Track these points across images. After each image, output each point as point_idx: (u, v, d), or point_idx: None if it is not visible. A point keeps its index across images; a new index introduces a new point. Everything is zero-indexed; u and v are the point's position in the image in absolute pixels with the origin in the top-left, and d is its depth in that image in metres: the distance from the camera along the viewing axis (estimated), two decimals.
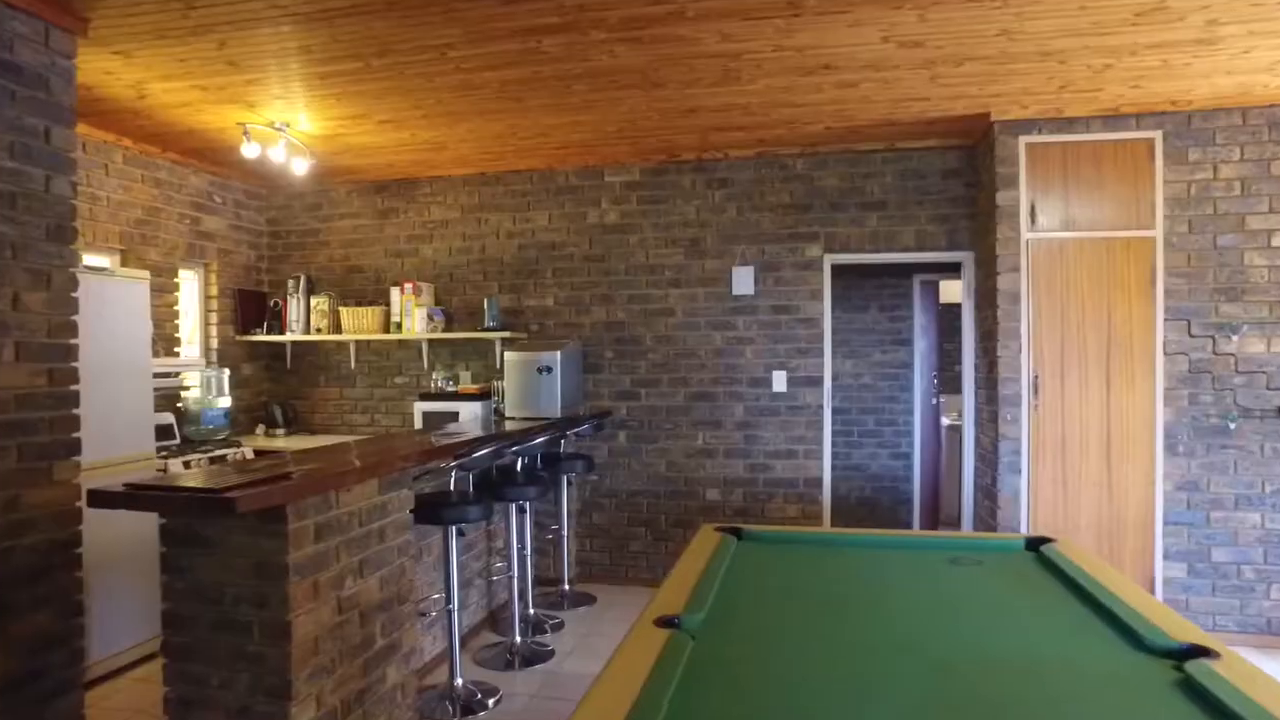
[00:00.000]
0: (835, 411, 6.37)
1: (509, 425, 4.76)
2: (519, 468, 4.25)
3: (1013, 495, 4.39)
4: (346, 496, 2.65)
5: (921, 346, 6.45)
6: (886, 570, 2.54)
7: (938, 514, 6.62)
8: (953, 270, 6.21)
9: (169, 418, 4.72)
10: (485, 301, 5.33)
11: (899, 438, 6.46)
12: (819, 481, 5.10)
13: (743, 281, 5.16)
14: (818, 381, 5.08)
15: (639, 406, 5.30)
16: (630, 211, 5.32)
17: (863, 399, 6.47)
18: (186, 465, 4.41)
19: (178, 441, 4.74)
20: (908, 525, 6.47)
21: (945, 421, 7.09)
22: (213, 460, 4.62)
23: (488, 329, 5.31)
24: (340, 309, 5.54)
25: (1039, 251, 4.37)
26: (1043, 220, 4.38)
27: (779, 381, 5.11)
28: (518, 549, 4.31)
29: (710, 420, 5.20)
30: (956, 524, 6.90)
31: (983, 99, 4.13)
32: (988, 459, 4.63)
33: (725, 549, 2.75)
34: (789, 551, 2.81)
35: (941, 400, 6.61)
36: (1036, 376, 4.36)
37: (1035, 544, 2.77)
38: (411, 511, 3.09)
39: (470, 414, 5.18)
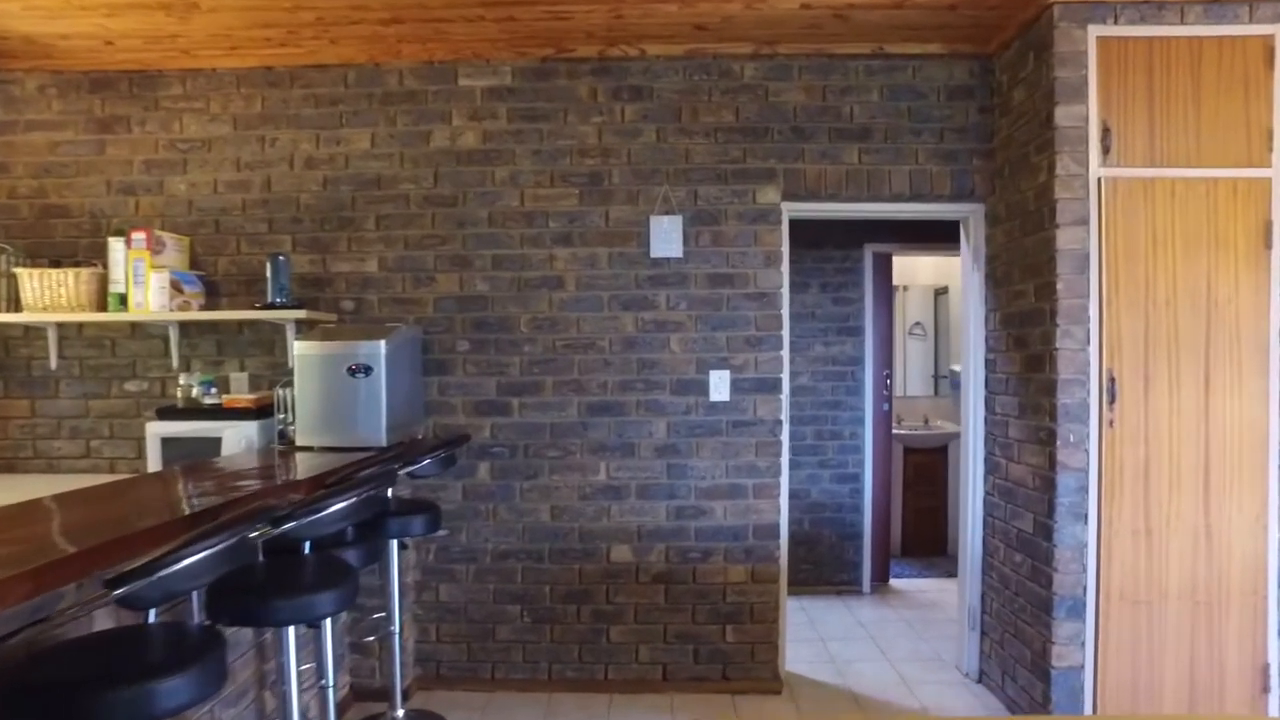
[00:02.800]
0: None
1: (300, 461, 2.89)
2: (325, 536, 2.40)
3: (1075, 550, 2.98)
4: None
5: (873, 337, 5.03)
6: None
7: (888, 548, 5.23)
8: (929, 237, 4.82)
9: None
10: (270, 264, 3.40)
11: (845, 455, 5.02)
12: (774, 530, 3.53)
13: (666, 239, 3.50)
14: (773, 386, 3.51)
15: (510, 425, 3.54)
16: (498, 132, 3.55)
17: (799, 405, 4.98)
18: None
19: None
20: (855, 566, 5.04)
21: (908, 430, 5.73)
22: None
23: (274, 306, 3.38)
24: (22, 272, 3.43)
25: (1114, 197, 2.97)
26: (1120, 151, 2.98)
27: (719, 387, 3.50)
28: (303, 683, 2.46)
29: (618, 444, 3.52)
30: (919, 562, 5.73)
31: None
32: (1026, 498, 3.21)
33: None
34: None
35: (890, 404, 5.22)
36: (1112, 379, 2.96)
37: None
38: None
39: (239, 440, 3.25)
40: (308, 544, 2.30)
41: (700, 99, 3.52)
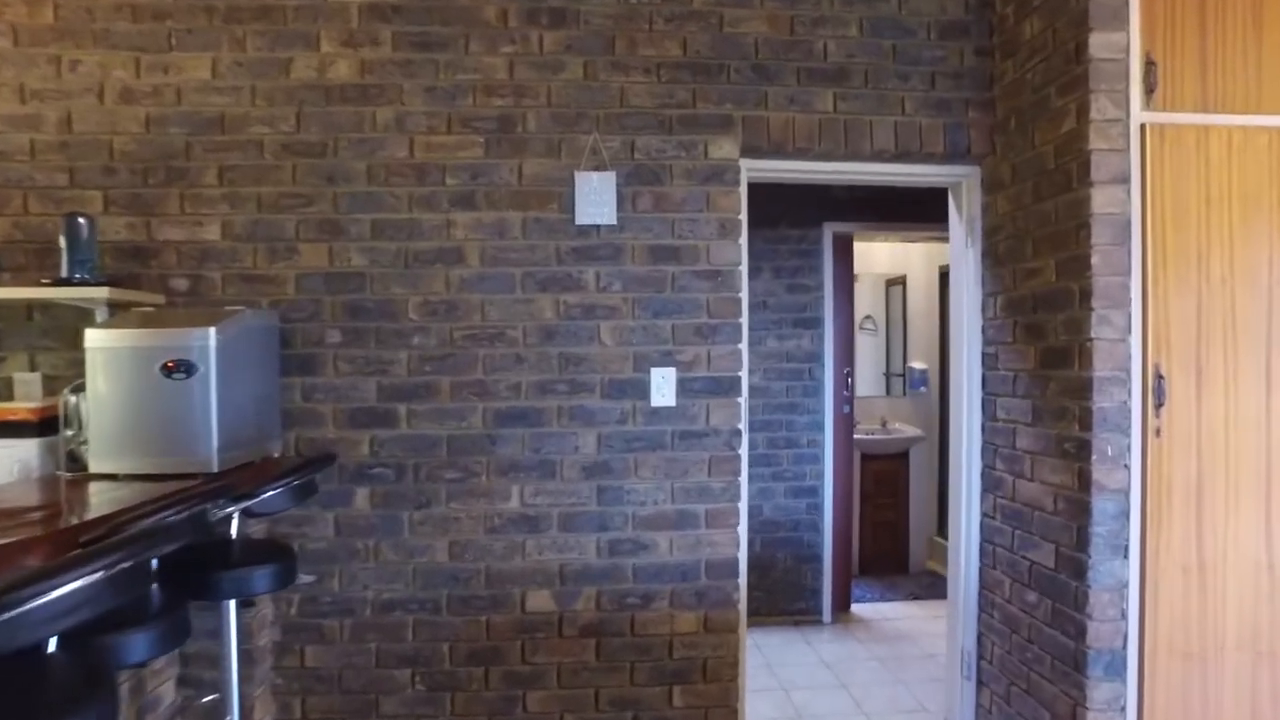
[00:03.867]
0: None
1: (90, 496, 2.07)
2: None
3: (1114, 592, 2.36)
4: None
5: (834, 331, 4.39)
6: None
7: (850, 571, 4.60)
8: (897, 215, 4.21)
9: None
10: (66, 228, 2.53)
11: (802, 465, 4.37)
12: (731, 567, 2.83)
13: (595, 201, 2.77)
14: (730, 388, 2.81)
15: (396, 439, 2.75)
16: (380, 63, 2.76)
17: (750, 409, 4.31)
18: None
19: None
20: (815, 593, 4.39)
21: (865, 435, 5.11)
22: None
23: (71, 283, 2.52)
24: None
25: (1161, 148, 2.36)
26: (1166, 92, 2.38)
27: (663, 388, 2.79)
28: None
29: (535, 462, 2.77)
30: (879, 582, 4.88)
31: None
32: (1044, 524, 2.59)
33: None
34: None
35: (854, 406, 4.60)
36: (1160, 376, 2.35)
37: None
38: None
39: (10, 466, 2.38)
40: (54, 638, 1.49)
41: (639, 27, 2.80)
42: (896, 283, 5.88)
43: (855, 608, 4.58)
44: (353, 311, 2.74)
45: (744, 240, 2.85)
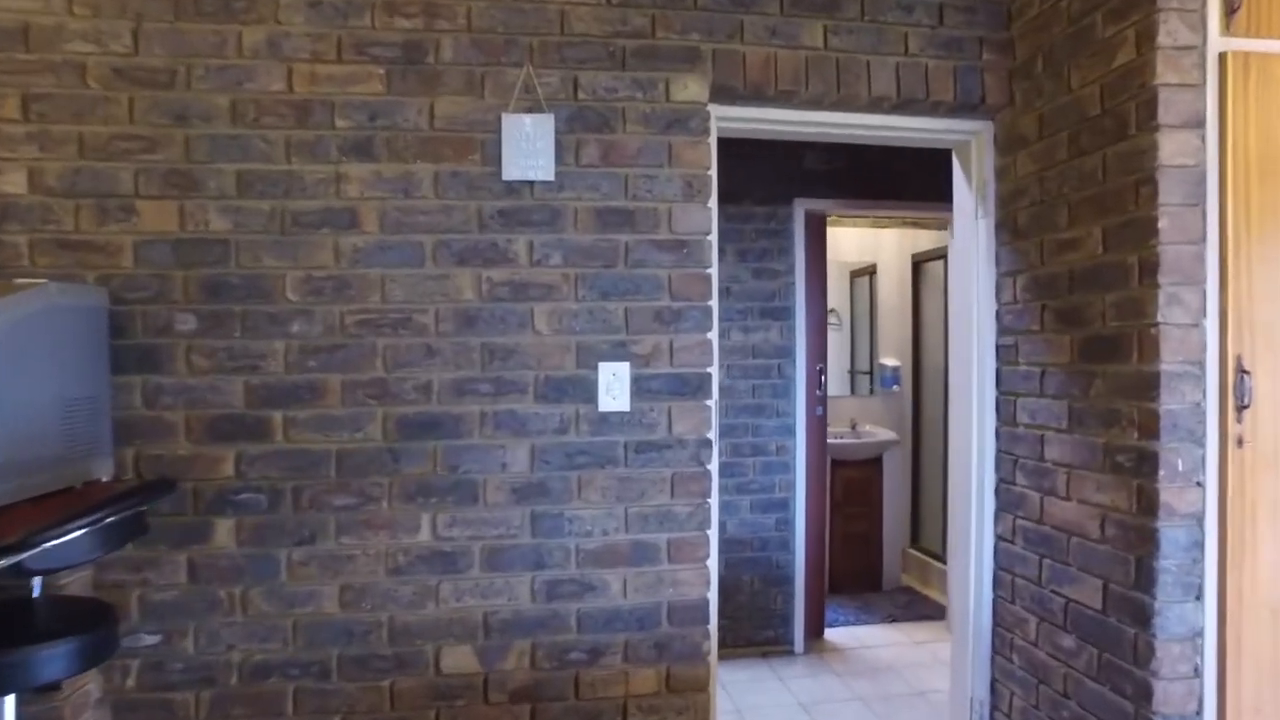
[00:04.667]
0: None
1: None
2: None
3: (1185, 643, 1.87)
4: None
5: (807, 322, 3.87)
6: None
7: (823, 593, 4.09)
8: (876, 191, 3.72)
9: None
10: None
11: (770, 475, 3.84)
12: (700, 611, 2.27)
13: (528, 151, 2.18)
14: (698, 387, 2.25)
15: (270, 456, 2.12)
16: None
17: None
18: None
19: None
20: (785, 619, 3.87)
21: (834, 439, 4.61)
22: None
23: None
24: None
25: (1244, 82, 1.88)
26: (1254, 13, 1.90)
27: (614, 388, 2.21)
28: None
29: (450, 484, 2.17)
30: (853, 601, 4.00)
31: None
32: (1087, 555, 2.09)
33: None
34: None
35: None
36: (1243, 371, 1.87)
37: None
38: None
39: None
40: None
41: None
42: (863, 273, 5.41)
43: (829, 633, 4.07)
44: (211, 290, 2.10)
45: (714, 204, 2.29)
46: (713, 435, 2.26)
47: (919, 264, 5.24)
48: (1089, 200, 2.09)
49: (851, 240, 5.25)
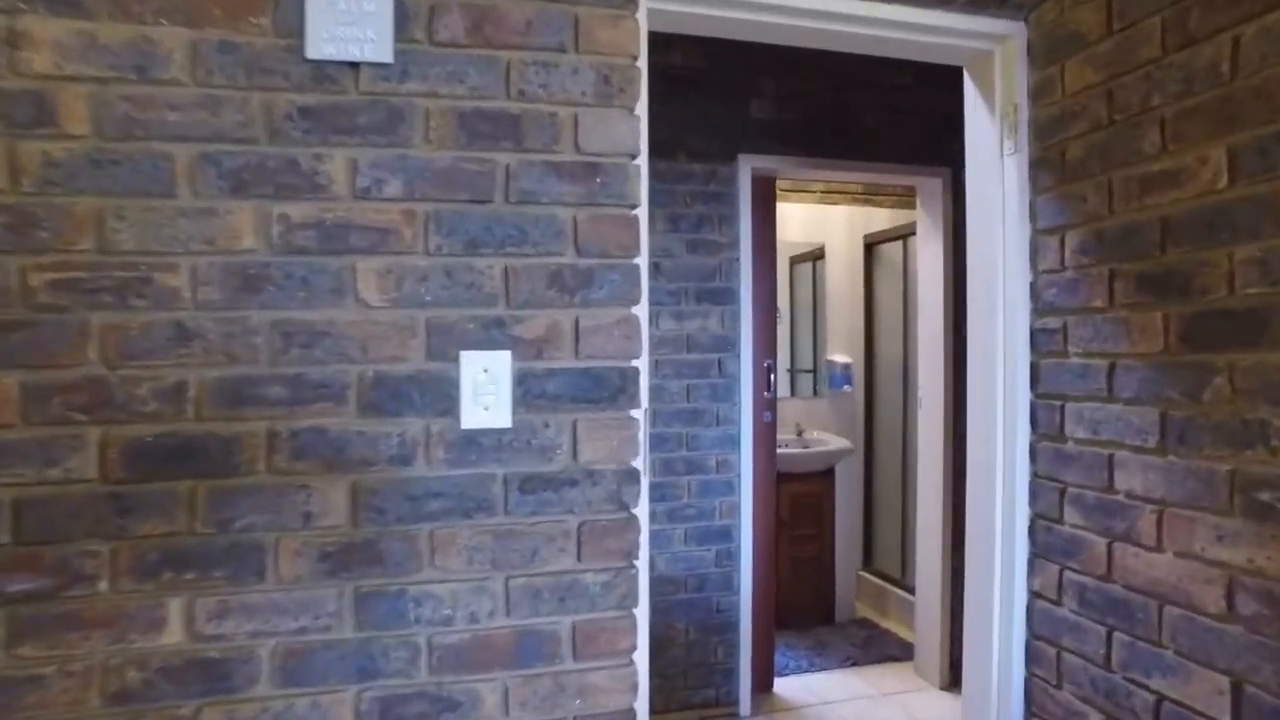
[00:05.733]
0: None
1: None
2: None
3: None
4: None
5: (754, 308, 3.15)
6: None
7: (773, 638, 3.36)
8: (832, 148, 3.04)
9: None
10: None
11: (710, 497, 3.10)
12: None
13: (347, 13, 1.37)
14: (617, 389, 1.47)
15: None
16: None
17: None
18: None
19: None
20: (728, 673, 3.13)
21: (787, 449, 3.90)
22: None
23: None
24: None
25: None
26: None
27: (484, 389, 1.41)
28: None
29: (221, 547, 1.34)
30: (803, 637, 3.03)
31: None
32: (1200, 636, 1.40)
33: None
34: None
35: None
36: None
37: None
38: None
39: None
40: None
41: None
42: (805, 258, 4.74)
43: (780, 684, 3.36)
44: None
45: (643, 111, 1.52)
46: (641, 462, 1.49)
47: (872, 246, 4.60)
48: (1201, 111, 1.40)
49: (795, 219, 4.56)
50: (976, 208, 1.95)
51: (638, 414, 1.47)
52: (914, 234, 4.11)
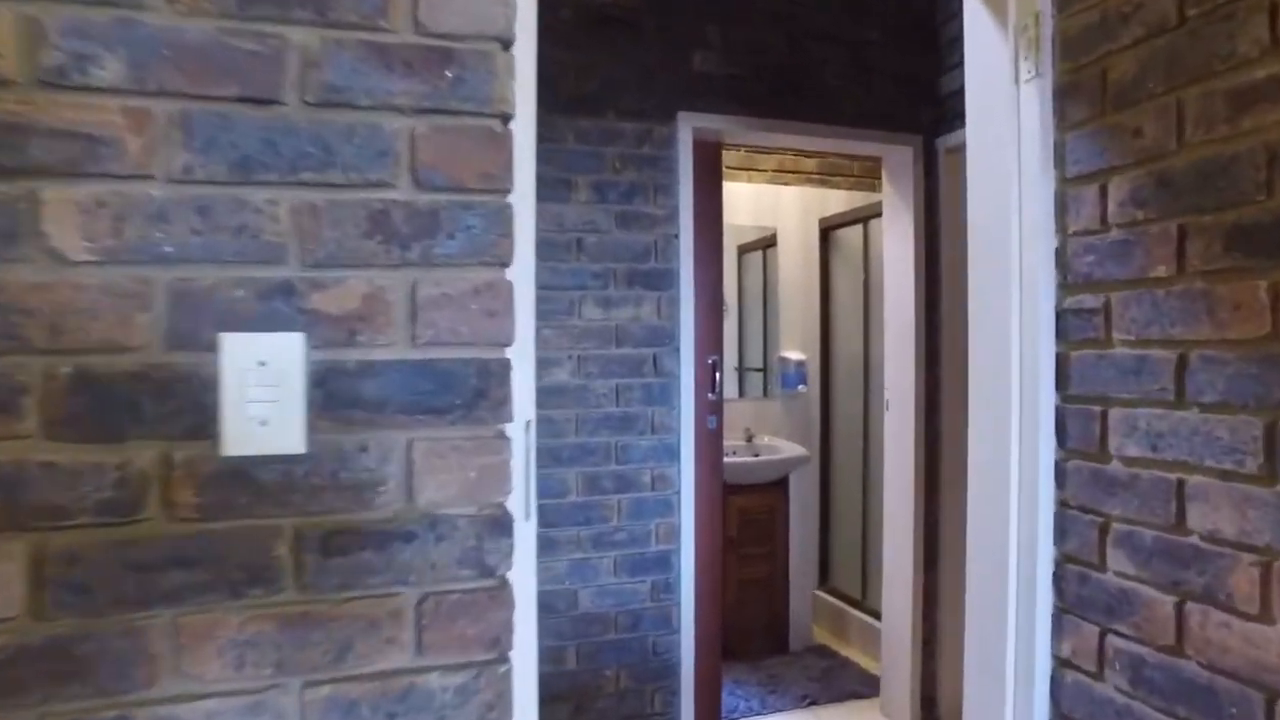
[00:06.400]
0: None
1: None
2: None
3: None
4: None
5: (696, 294, 2.67)
6: None
7: (719, 676, 2.89)
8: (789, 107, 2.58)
9: None
10: None
11: (643, 519, 2.62)
12: None
13: None
14: (475, 394, 0.97)
15: None
16: None
17: (560, 428, 2.51)
18: None
19: None
20: None
21: (735, 457, 3.43)
22: None
23: None
24: None
25: None
26: None
27: (254, 395, 0.91)
28: None
29: None
30: (754, 671, 3.31)
31: None
32: None
33: None
34: None
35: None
36: None
37: None
38: None
39: None
40: None
41: None
42: (755, 247, 4.30)
43: None
44: None
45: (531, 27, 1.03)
46: (518, 501, 0.99)
47: (829, 231, 4.17)
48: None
49: (744, 201, 4.11)
50: (980, 155, 1.50)
51: (509, 429, 0.97)
52: (876, 216, 3.69)
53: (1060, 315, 1.37)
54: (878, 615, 3.57)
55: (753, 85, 2.73)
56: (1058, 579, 1.37)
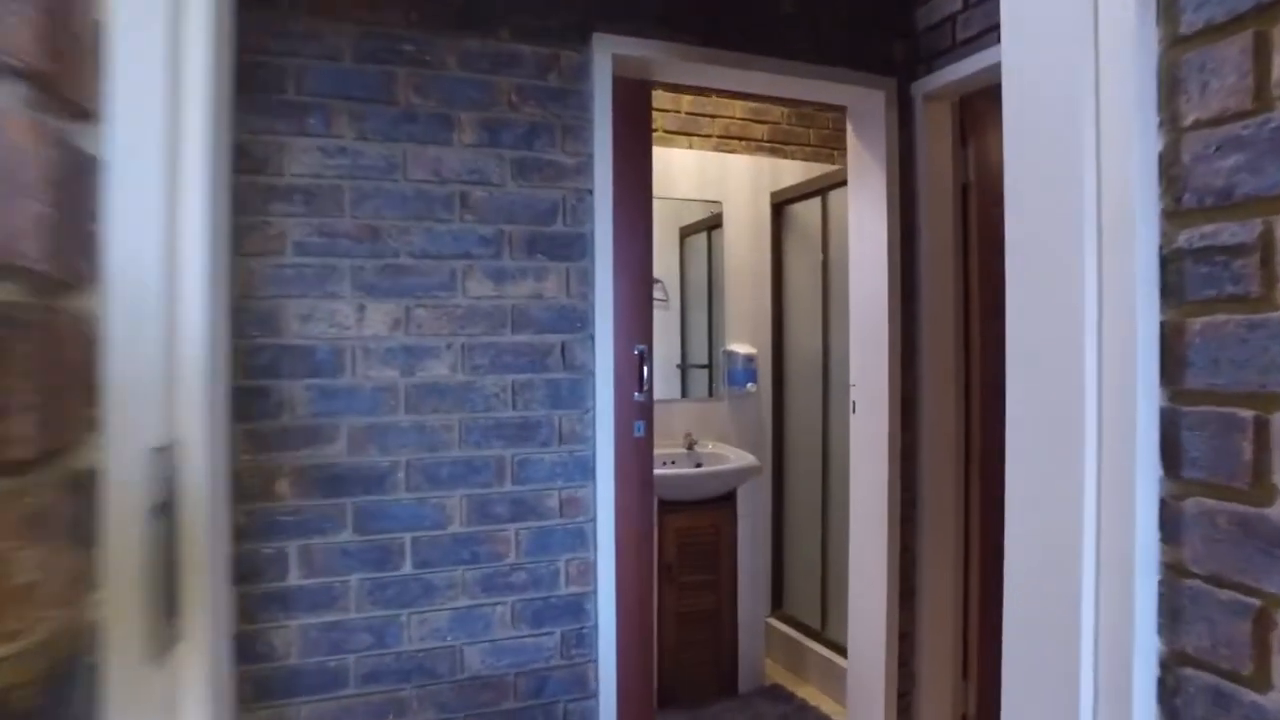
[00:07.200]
0: (341, 491, 1.75)
1: None
2: None
3: None
4: None
5: (616, 265, 2.11)
6: None
7: None
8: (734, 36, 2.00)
9: None
10: None
11: (549, 554, 2.05)
12: None
13: None
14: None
15: None
16: None
17: (437, 438, 1.93)
18: None
19: None
20: None
21: (671, 468, 2.88)
22: None
23: None
24: None
25: None
26: None
27: None
28: None
29: None
30: (695, 716, 2.64)
31: None
32: None
33: None
34: None
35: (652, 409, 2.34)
36: None
37: None
38: None
39: None
40: None
41: None
42: (699, 228, 3.75)
43: None
44: None
45: None
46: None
47: (781, 207, 3.65)
48: None
49: (684, 172, 3.56)
50: (1025, 8, 0.96)
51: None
52: (837, 186, 3.18)
53: (1167, 261, 0.84)
54: (840, 650, 3.06)
55: (688, 9, 2.18)
56: (1166, 692, 0.84)
